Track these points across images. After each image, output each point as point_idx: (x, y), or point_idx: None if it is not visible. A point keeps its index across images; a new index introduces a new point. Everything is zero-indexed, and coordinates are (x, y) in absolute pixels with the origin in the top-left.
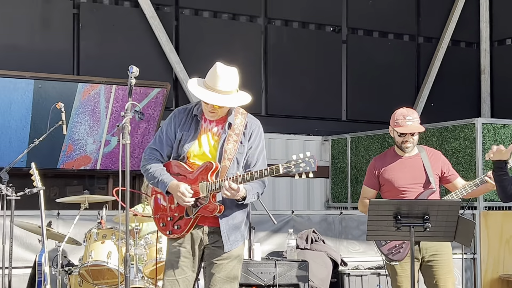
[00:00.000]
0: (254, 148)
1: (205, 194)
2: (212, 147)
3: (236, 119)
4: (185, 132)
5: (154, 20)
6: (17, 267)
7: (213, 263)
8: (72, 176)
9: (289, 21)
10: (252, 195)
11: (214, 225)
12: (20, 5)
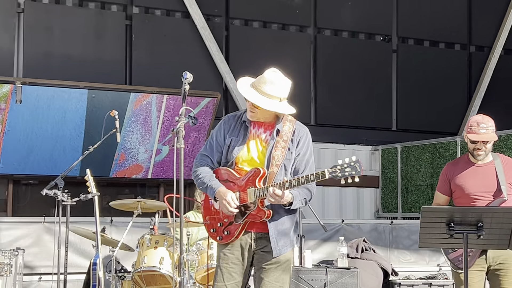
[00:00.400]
0: (302, 154)
1: (253, 200)
2: (260, 153)
3: (284, 126)
4: (234, 137)
5: (205, 30)
6: (71, 272)
7: (262, 268)
8: (124, 184)
9: (339, 31)
10: (299, 201)
11: (263, 231)
12: (74, 17)
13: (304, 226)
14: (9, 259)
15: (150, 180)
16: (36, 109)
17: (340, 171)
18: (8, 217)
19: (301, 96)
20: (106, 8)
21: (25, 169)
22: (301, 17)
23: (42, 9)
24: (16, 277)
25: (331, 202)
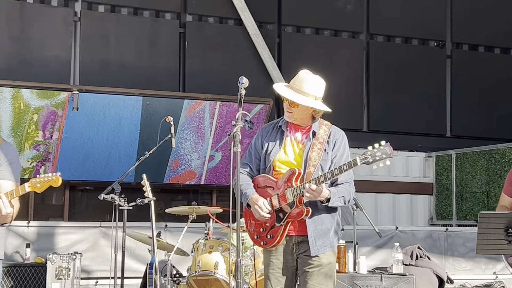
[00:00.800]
0: (339, 156)
1: (291, 199)
2: (297, 155)
3: (320, 129)
4: (271, 142)
5: (257, 37)
6: (127, 277)
7: (305, 272)
8: (177, 190)
9: (392, 37)
10: (337, 199)
11: (303, 234)
12: (129, 25)
13: (358, 233)
14: (67, 263)
15: (203, 186)
16: (92, 116)
17: (371, 156)
18: (65, 222)
19: (353, 103)
20: (160, 16)
21: (81, 175)
22: (353, 23)
23: (98, 18)
24: (73, 281)
25: (384, 209)
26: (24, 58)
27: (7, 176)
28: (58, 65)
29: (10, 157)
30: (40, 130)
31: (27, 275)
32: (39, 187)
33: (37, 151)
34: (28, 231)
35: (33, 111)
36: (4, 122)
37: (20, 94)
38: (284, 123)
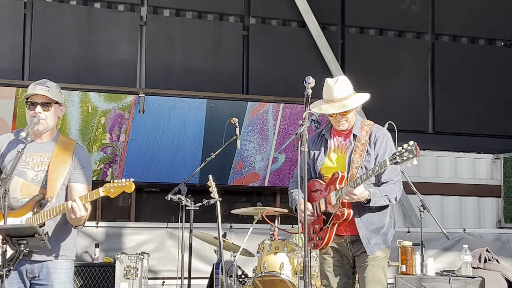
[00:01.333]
0: (381, 155)
1: (334, 202)
2: (341, 159)
3: (362, 130)
4: (316, 151)
5: (320, 39)
6: (194, 277)
7: (361, 267)
8: (241, 192)
9: (458, 37)
10: (379, 198)
11: (355, 233)
12: (194, 29)
13: (424, 235)
14: (135, 262)
15: (267, 188)
16: (157, 119)
17: (399, 157)
18: (132, 223)
19: (418, 104)
20: (224, 19)
21: (147, 177)
22: (418, 23)
23: (163, 22)
24: (141, 280)
25: (450, 212)
26: (91, 62)
27: (80, 179)
28: (124, 68)
29: (83, 161)
30: (108, 132)
31: (96, 274)
32: (113, 192)
33: (104, 153)
34: (97, 232)
35: (101, 114)
36: (72, 125)
37: (88, 98)
38: (326, 131)
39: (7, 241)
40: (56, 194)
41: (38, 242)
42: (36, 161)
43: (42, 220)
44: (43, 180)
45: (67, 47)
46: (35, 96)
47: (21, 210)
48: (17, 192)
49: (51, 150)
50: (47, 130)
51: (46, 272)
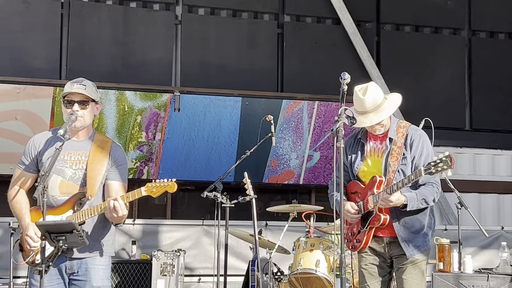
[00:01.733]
0: (418, 157)
1: (372, 206)
2: (377, 163)
3: (397, 133)
4: (353, 154)
5: (355, 36)
6: (230, 275)
7: (399, 269)
8: (276, 190)
9: (495, 33)
10: (416, 202)
11: (392, 235)
12: (228, 27)
13: (461, 233)
14: (171, 259)
15: (302, 186)
16: (193, 117)
17: (434, 167)
18: (168, 220)
19: (455, 101)
20: (258, 17)
21: (182, 175)
22: (455, 19)
23: (198, 21)
24: (178, 277)
25: (488, 210)
26: (127, 61)
27: (117, 177)
28: (160, 67)
29: (119, 159)
30: (144, 131)
31: (133, 271)
32: (155, 191)
33: (140, 151)
34: (134, 229)
35: (137, 113)
36: (109, 123)
37: (124, 96)
38: (362, 135)
39: (46, 237)
40: (95, 193)
41: (76, 238)
42: (74, 159)
43: (82, 219)
44: (82, 179)
45: (104, 46)
46: (72, 95)
47: (61, 208)
48: (55, 190)
49: (88, 148)
50: (83, 128)
51: (85, 269)
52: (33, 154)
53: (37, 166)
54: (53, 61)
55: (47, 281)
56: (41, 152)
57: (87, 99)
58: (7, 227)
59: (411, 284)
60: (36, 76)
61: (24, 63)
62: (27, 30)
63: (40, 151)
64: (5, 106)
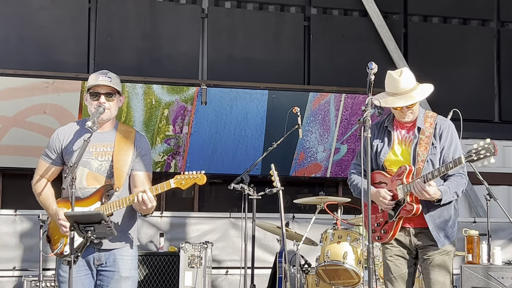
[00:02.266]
0: (447, 147)
1: (402, 196)
2: (405, 152)
3: (425, 123)
4: (379, 142)
5: (383, 28)
6: (257, 267)
7: (426, 260)
8: (303, 183)
9: None
10: (449, 195)
11: (421, 226)
12: (255, 20)
13: (491, 225)
14: (199, 251)
15: (329, 179)
16: (219, 110)
17: (475, 155)
18: (196, 213)
19: (484, 93)
20: (285, 10)
21: (210, 169)
22: (483, 10)
23: (224, 14)
24: (205, 269)
25: None
26: (154, 55)
27: (141, 167)
28: (186, 60)
29: (144, 149)
30: (171, 124)
31: (161, 263)
32: (184, 184)
33: (168, 145)
34: (161, 222)
35: (164, 106)
36: (136, 117)
37: (152, 90)
38: (389, 122)
39: (74, 228)
40: (123, 184)
41: (104, 229)
42: (100, 151)
43: (111, 211)
44: (108, 170)
45: (131, 40)
46: (98, 87)
47: (88, 199)
48: (83, 182)
49: (112, 139)
50: (109, 119)
51: (113, 259)
52: (57, 146)
53: (61, 158)
54: (81, 55)
55: (75, 272)
56: (66, 144)
57: (113, 91)
58: (36, 220)
59: (439, 275)
60: (64, 70)
61: (52, 58)
62: (55, 25)
63: (66, 144)
64: (33, 100)
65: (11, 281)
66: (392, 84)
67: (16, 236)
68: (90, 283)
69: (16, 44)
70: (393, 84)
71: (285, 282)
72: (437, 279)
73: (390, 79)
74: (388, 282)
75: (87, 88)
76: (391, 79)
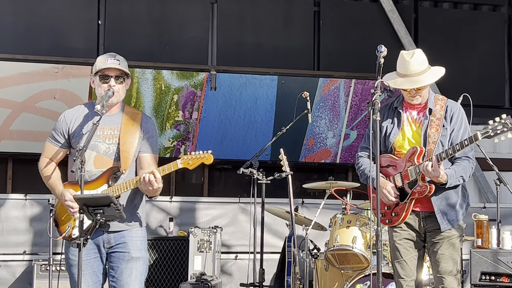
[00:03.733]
0: (457, 129)
1: (414, 177)
2: (415, 133)
3: (436, 105)
4: (389, 124)
5: (393, 13)
6: (266, 252)
7: (434, 243)
8: (312, 169)
9: None
10: (455, 179)
11: (429, 210)
12: (265, 6)
13: (501, 211)
14: (208, 236)
15: (338, 165)
16: (229, 96)
17: (492, 130)
18: (205, 198)
19: (494, 78)
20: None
21: (219, 154)
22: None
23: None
24: (215, 254)
25: None
26: (164, 41)
27: (147, 149)
28: (196, 46)
29: (150, 130)
30: (180, 110)
31: (171, 248)
32: (191, 164)
33: (177, 130)
34: (171, 206)
35: (173, 92)
36: (146, 102)
37: (161, 75)
38: (399, 104)
39: (84, 211)
40: (129, 166)
41: (113, 211)
42: (107, 133)
43: (118, 193)
44: (115, 153)
45: (140, 25)
46: (108, 70)
47: (95, 182)
48: (90, 165)
49: (119, 122)
50: (118, 102)
51: (123, 241)
52: (64, 129)
53: (68, 141)
54: (91, 41)
55: (85, 255)
56: (74, 128)
57: (122, 73)
58: (46, 204)
59: (447, 258)
60: (74, 56)
61: (62, 43)
62: (64, 10)
63: (73, 126)
64: (43, 86)
65: (22, 265)
66: (403, 65)
67: (26, 220)
68: (99, 266)
69: (26, 30)
70: (403, 65)
71: (294, 266)
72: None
73: (401, 60)
74: (398, 264)
75: (96, 71)
76: (402, 60)
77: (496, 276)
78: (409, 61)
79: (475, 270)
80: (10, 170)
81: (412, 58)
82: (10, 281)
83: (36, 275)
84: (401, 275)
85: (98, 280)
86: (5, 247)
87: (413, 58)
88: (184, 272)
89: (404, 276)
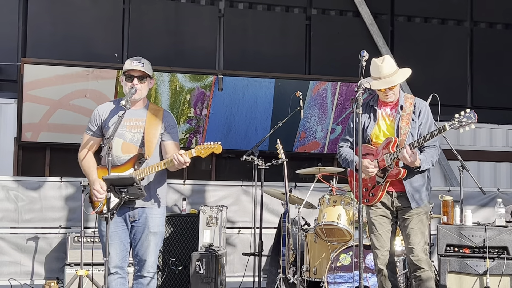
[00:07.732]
0: (424, 123)
1: (389, 163)
2: (389, 126)
3: (406, 102)
4: (366, 119)
5: (373, 26)
6: (265, 227)
7: (405, 219)
8: (304, 158)
9: (493, 24)
10: (426, 163)
11: (401, 190)
12: (264, 19)
13: (463, 193)
14: (215, 213)
15: (326, 154)
16: (233, 96)
17: (458, 122)
18: (213, 181)
19: (458, 82)
20: (289, 11)
21: (225, 145)
22: (459, 12)
23: (238, 14)
24: (221, 229)
25: (486, 176)
26: (178, 48)
27: (169, 138)
28: (205, 53)
29: (171, 123)
30: (192, 107)
31: (184, 223)
32: (203, 152)
33: (189, 125)
34: (184, 188)
35: (186, 92)
36: (163, 101)
37: (176, 78)
38: (374, 102)
39: (111, 190)
40: (152, 153)
41: (136, 190)
42: (133, 124)
43: (142, 175)
44: (140, 141)
45: (158, 35)
46: (132, 71)
47: (123, 166)
48: (118, 151)
49: (144, 115)
50: (141, 99)
51: (144, 217)
52: (98, 121)
53: (101, 131)
54: (116, 48)
55: (114, 228)
56: (105, 119)
57: (145, 75)
58: (79, 186)
59: (416, 231)
60: (102, 61)
61: (92, 50)
62: (94, 22)
63: (104, 119)
64: (76, 86)
65: (58, 237)
66: (376, 69)
67: (61, 199)
68: (126, 236)
69: (62, 38)
70: (377, 70)
71: (288, 239)
72: (415, 235)
73: (374, 66)
74: (374, 237)
75: (123, 72)
76: (375, 66)
77: (459, 248)
78: (381, 65)
79: (442, 243)
80: (48, 158)
81: (383, 63)
82: (47, 251)
83: (70, 246)
84: (377, 246)
85: (125, 248)
86: (43, 221)
87: (384, 63)
88: (195, 244)
89: (379, 247)
